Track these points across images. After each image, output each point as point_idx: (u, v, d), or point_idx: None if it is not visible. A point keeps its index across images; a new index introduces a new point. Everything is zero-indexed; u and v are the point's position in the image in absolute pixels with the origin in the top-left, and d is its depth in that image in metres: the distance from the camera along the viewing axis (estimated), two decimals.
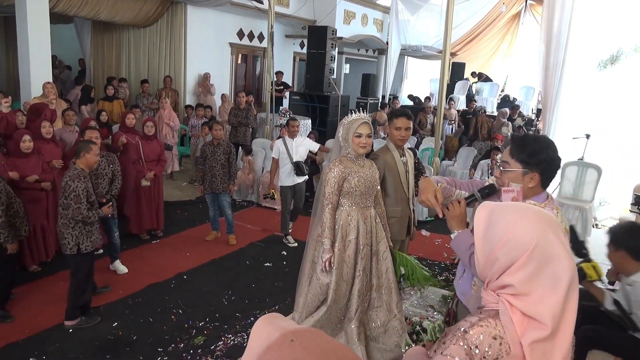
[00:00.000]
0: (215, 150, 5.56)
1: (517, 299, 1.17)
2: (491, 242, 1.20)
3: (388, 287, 3.32)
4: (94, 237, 3.86)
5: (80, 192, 3.66)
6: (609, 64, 6.97)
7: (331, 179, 3.09)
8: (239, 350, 3.61)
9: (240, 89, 11.45)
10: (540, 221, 1.18)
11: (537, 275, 1.14)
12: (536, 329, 1.13)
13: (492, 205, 1.26)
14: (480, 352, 1.16)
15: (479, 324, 1.19)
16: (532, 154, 1.93)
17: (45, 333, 3.75)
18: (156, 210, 5.80)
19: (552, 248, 1.14)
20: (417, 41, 14.46)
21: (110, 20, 9.22)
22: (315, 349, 0.75)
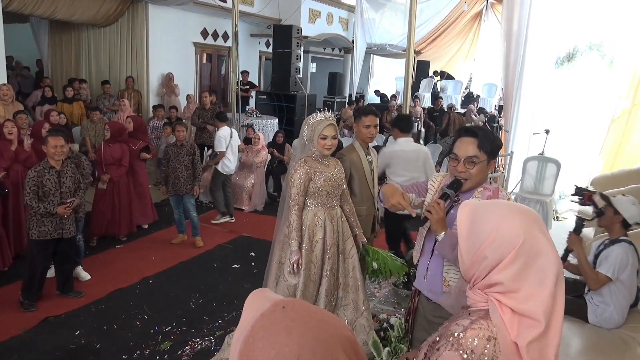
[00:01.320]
0: (178, 152, 5.46)
1: (507, 297, 1.17)
2: (477, 240, 1.20)
3: (355, 285, 3.33)
4: (44, 229, 3.99)
5: (30, 181, 3.91)
6: (565, 61, 7.20)
7: (297, 180, 3.07)
8: (206, 355, 3.56)
9: (205, 89, 11.30)
10: (526, 217, 1.19)
11: (526, 271, 1.15)
12: (529, 327, 1.13)
13: (473, 204, 1.26)
14: (476, 356, 1.15)
15: (471, 327, 1.18)
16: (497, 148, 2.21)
17: (3, 345, 3.60)
18: (118, 215, 5.64)
19: (538, 243, 1.15)
20: (382, 40, 14.60)
21: (68, 20, 8.94)
22: (306, 313, 0.79)
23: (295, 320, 0.77)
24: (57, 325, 3.92)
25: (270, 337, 0.75)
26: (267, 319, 0.78)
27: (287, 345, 0.74)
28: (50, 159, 4.00)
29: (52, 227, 4.02)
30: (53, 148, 3.95)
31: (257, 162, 7.35)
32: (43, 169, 3.98)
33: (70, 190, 4.14)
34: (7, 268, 4.76)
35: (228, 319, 4.10)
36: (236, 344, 0.79)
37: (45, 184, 3.96)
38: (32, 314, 4.03)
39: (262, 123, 9.81)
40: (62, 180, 4.07)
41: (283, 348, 0.74)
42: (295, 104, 10.46)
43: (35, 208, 3.90)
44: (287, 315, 0.78)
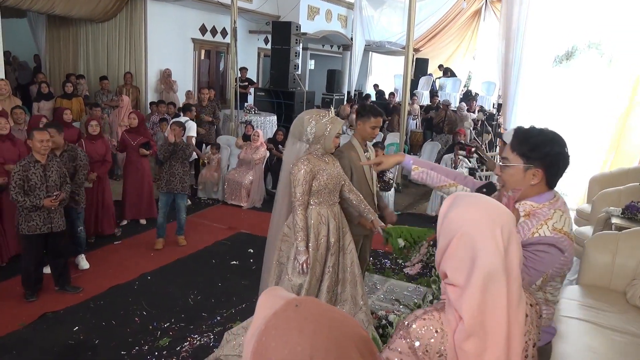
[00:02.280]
0: (174, 150, 5.39)
1: (450, 289, 1.17)
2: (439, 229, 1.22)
3: (353, 280, 3.33)
4: (33, 224, 4.03)
5: (15, 175, 3.94)
6: (564, 60, 7.22)
7: (301, 179, 3.02)
8: (205, 351, 3.57)
9: (203, 85, 11.27)
10: (480, 211, 1.16)
11: (461, 265, 1.14)
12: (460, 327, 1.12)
13: (456, 195, 1.26)
14: (421, 345, 1.16)
15: (422, 317, 1.19)
16: (534, 147, 1.75)
17: (2, 340, 3.60)
18: (102, 213, 5.59)
19: (479, 238, 1.12)
20: (381, 37, 14.58)
21: (67, 15, 8.90)
22: (319, 312, 0.79)
23: (308, 319, 0.77)
24: (55, 321, 3.91)
25: (283, 336, 0.75)
26: (279, 318, 0.78)
27: (300, 344, 0.74)
28: (35, 153, 4.03)
29: (40, 221, 4.05)
30: (39, 142, 3.98)
31: (256, 159, 7.35)
32: (28, 163, 4.01)
33: (57, 184, 4.15)
34: (5, 264, 4.76)
35: (227, 315, 4.10)
36: (249, 343, 0.79)
37: (30, 178, 3.98)
38: (30, 310, 4.02)
39: (260, 120, 9.80)
40: (48, 174, 4.09)
41: (295, 347, 0.73)
42: (294, 101, 10.45)
43: (21, 202, 3.93)
44: (300, 314, 0.78)
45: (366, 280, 4.42)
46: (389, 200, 7.15)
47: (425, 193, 8.38)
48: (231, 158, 7.99)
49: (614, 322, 3.28)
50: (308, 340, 0.74)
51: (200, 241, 5.72)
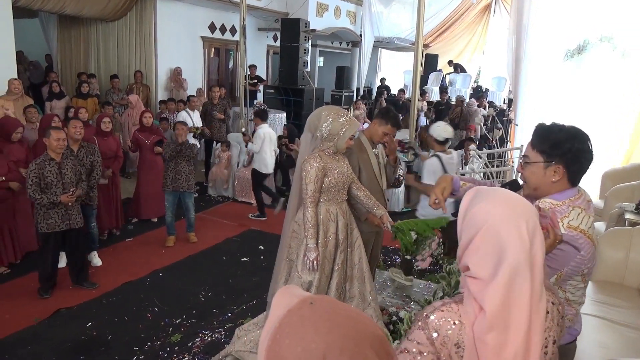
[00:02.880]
0: (181, 149, 5.38)
1: (472, 282, 1.17)
2: (461, 223, 1.22)
3: (361, 276, 3.32)
4: (52, 221, 4.10)
5: (31, 173, 4.00)
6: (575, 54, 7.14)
7: (313, 175, 3.00)
8: (216, 347, 3.59)
9: (213, 83, 11.30)
10: (503, 205, 1.16)
11: (486, 259, 1.14)
12: (481, 319, 1.12)
13: (478, 189, 1.25)
14: (439, 336, 1.16)
15: (440, 309, 1.20)
16: (555, 144, 1.72)
17: (16, 336, 3.66)
18: (115, 209, 5.68)
19: (503, 232, 1.12)
20: (390, 33, 14.51)
21: (77, 14, 8.97)
22: (334, 310, 0.78)
23: (323, 317, 0.76)
24: (69, 317, 3.97)
25: (297, 334, 0.75)
26: (294, 316, 0.77)
27: (314, 341, 0.73)
28: (51, 152, 4.10)
29: (59, 218, 4.13)
30: (56, 141, 4.06)
31: None
32: (44, 161, 4.08)
33: (72, 182, 4.22)
34: (19, 261, 4.83)
35: (237, 312, 4.13)
36: (263, 341, 0.78)
37: (46, 176, 4.05)
38: (44, 306, 4.08)
39: (270, 117, 9.79)
40: (63, 172, 4.16)
41: (310, 344, 0.73)
42: (303, 98, 10.44)
43: (38, 199, 4.00)
44: (315, 312, 0.77)
45: (376, 277, 4.41)
46: (399, 197, 7.13)
47: None
48: (241, 155, 8.01)
49: (628, 319, 3.25)
50: (322, 338, 0.73)
51: (210, 238, 5.75)
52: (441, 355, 1.17)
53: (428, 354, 1.17)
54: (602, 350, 2.66)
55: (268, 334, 0.78)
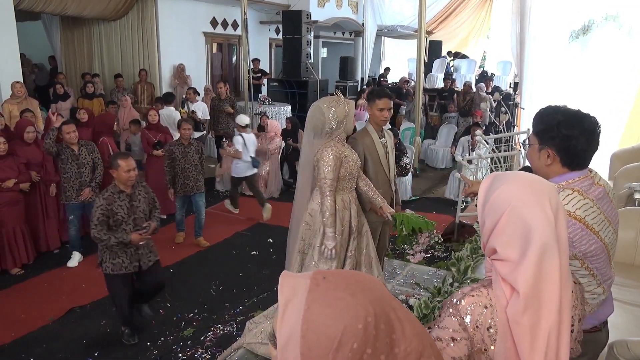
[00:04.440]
0: (186, 151, 5.23)
1: (501, 265, 1.17)
2: (483, 208, 1.23)
3: (368, 262, 3.34)
4: (119, 260, 3.45)
5: (98, 210, 3.36)
6: (581, 34, 7.04)
7: (332, 164, 3.01)
8: (228, 340, 3.62)
9: (217, 79, 11.31)
10: (524, 185, 1.17)
11: (513, 240, 1.14)
12: (514, 300, 1.13)
13: (495, 174, 1.27)
14: (472, 321, 1.17)
15: (470, 294, 1.20)
16: (546, 128, 1.74)
17: (32, 335, 3.72)
18: None
19: (528, 212, 1.13)
20: (392, 21, 14.40)
21: (79, 15, 9.00)
22: (348, 277, 0.79)
23: (342, 285, 0.76)
24: (82, 315, 4.02)
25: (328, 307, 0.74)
26: (314, 296, 0.76)
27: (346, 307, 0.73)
28: (120, 184, 3.49)
29: (127, 258, 3.49)
30: (126, 173, 3.44)
31: (271, 149, 7.37)
32: (112, 195, 3.46)
33: (145, 215, 3.63)
34: (32, 261, 4.89)
35: (248, 305, 4.16)
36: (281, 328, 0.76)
37: (116, 212, 3.45)
38: (58, 305, 4.13)
39: (275, 110, 9.80)
40: (135, 205, 3.54)
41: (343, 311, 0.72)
42: (308, 90, 10.42)
43: (105, 240, 3.37)
44: (332, 283, 0.77)
45: (386, 265, 4.42)
46: (406, 186, 7.12)
47: (443, 177, 8.32)
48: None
49: (638, 299, 3.23)
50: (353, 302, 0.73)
51: (220, 233, 5.78)
52: (474, 339, 1.18)
53: (461, 339, 1.18)
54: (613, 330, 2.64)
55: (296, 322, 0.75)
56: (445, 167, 9.05)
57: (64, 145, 4.70)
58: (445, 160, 9.22)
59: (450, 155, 8.68)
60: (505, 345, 1.14)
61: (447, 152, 9.08)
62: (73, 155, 4.71)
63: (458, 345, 1.18)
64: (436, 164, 9.30)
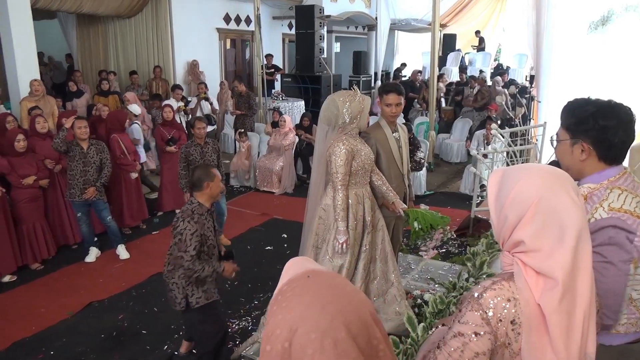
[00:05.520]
0: (204, 151, 5.02)
1: (529, 256, 1.17)
2: (501, 201, 1.22)
3: (384, 257, 3.34)
4: (207, 288, 3.00)
5: (188, 235, 2.78)
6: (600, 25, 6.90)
7: (344, 159, 3.02)
8: (244, 334, 3.65)
9: (230, 75, 11.35)
10: (546, 176, 1.18)
11: (545, 229, 1.14)
12: (550, 290, 1.12)
13: (504, 169, 1.27)
14: (494, 315, 1.16)
15: (491, 288, 1.19)
16: (579, 121, 1.64)
17: (51, 329, 3.78)
18: (137, 204, 5.81)
19: (558, 201, 1.14)
20: (406, 15, 14.28)
21: (94, 13, 9.09)
22: (326, 285, 0.86)
23: (310, 291, 0.84)
24: (100, 310, 4.08)
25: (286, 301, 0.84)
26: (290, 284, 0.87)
27: (293, 311, 0.81)
28: (209, 200, 3.00)
29: (212, 286, 3.07)
30: (219, 184, 3.03)
31: (285, 145, 7.38)
32: (201, 217, 2.89)
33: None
34: (52, 256, 4.98)
35: (263, 300, 4.18)
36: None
37: (207, 236, 2.94)
38: (77, 300, 4.20)
39: (288, 106, 9.81)
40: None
41: (287, 314, 0.81)
42: (321, 85, 10.40)
43: (197, 272, 2.82)
44: (307, 285, 0.85)
45: (400, 260, 4.41)
46: (420, 180, 7.08)
47: (458, 171, 8.25)
48: (261, 145, 8.06)
49: None
50: (300, 310, 0.81)
51: (234, 228, 5.81)
52: (498, 333, 1.17)
53: (484, 334, 1.17)
54: None
55: (272, 298, 0.89)
56: (460, 162, 8.98)
57: (74, 142, 4.73)
58: (460, 154, 9.15)
59: (465, 150, 8.60)
60: (530, 339, 1.14)
61: (461, 146, 9.00)
62: (81, 153, 4.74)
63: (481, 339, 1.17)
64: (451, 159, 9.23)
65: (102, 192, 4.88)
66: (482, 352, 1.17)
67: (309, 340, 0.79)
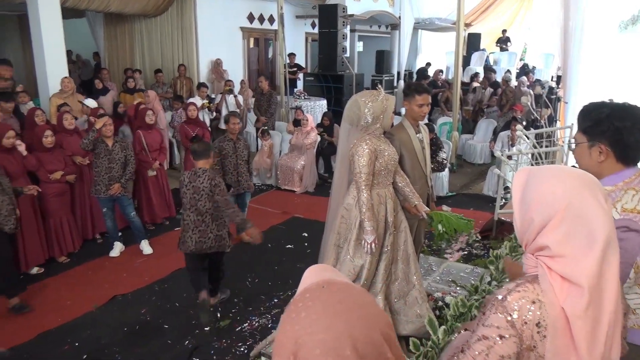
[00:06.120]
0: (236, 147, 5.10)
1: (554, 261, 1.15)
2: (526, 203, 1.20)
3: (405, 258, 3.31)
4: None
5: (223, 186, 3.80)
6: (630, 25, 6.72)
7: (367, 159, 3.02)
8: (264, 332, 3.67)
9: (253, 74, 11.42)
10: (575, 180, 1.16)
11: (572, 235, 1.12)
12: (575, 296, 1.11)
13: (530, 169, 1.25)
14: (519, 318, 1.14)
15: (516, 290, 1.17)
16: (595, 123, 1.68)
17: (77, 321, 3.87)
18: (166, 199, 5.88)
19: (587, 207, 1.12)
20: (430, 14, 14.16)
21: (121, 12, 9.24)
22: (338, 297, 0.84)
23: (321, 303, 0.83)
24: (124, 303, 4.16)
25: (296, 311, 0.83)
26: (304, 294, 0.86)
27: (299, 323, 0.80)
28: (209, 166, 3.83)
29: None
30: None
31: (307, 144, 7.39)
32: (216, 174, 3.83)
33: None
34: (77, 250, 5.09)
35: (284, 298, 4.20)
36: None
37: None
38: (102, 293, 4.28)
39: (310, 105, 9.82)
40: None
41: (295, 325, 0.81)
42: (343, 84, 10.37)
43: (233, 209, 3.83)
44: (321, 295, 0.84)
45: (422, 262, 4.38)
46: (443, 181, 7.01)
47: (481, 173, 8.15)
48: (283, 144, 8.09)
49: None
50: (307, 323, 0.80)
51: (256, 226, 5.82)
52: (523, 336, 1.15)
53: (509, 337, 1.15)
54: None
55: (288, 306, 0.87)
56: (484, 163, 8.86)
57: (99, 139, 4.81)
58: (483, 155, 9.03)
59: (489, 151, 8.49)
60: (555, 342, 1.12)
61: (485, 147, 8.88)
62: (106, 150, 4.83)
63: (507, 342, 1.15)
64: (474, 160, 9.11)
65: (127, 188, 4.96)
66: (507, 356, 1.16)
67: (313, 356, 0.78)
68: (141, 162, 5.57)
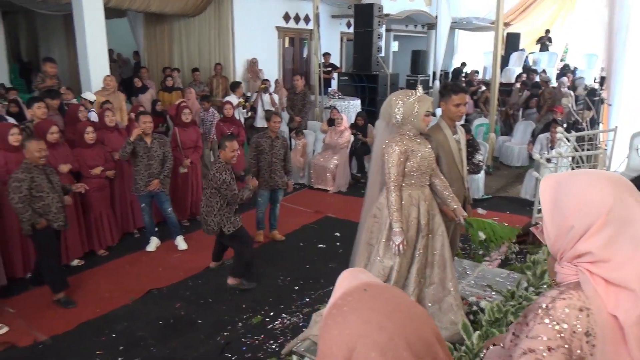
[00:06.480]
0: (274, 144, 5.18)
1: (597, 267, 1.10)
2: (562, 211, 1.15)
3: (442, 263, 3.25)
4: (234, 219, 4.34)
5: (230, 181, 4.17)
6: None
7: (396, 159, 3.00)
8: (295, 330, 3.68)
9: (288, 73, 11.48)
10: (613, 183, 1.12)
11: (617, 239, 1.08)
12: (627, 301, 1.06)
13: (558, 176, 1.21)
14: (568, 327, 1.08)
15: (560, 297, 1.12)
16: None
17: (114, 313, 3.98)
18: (196, 197, 5.96)
19: (629, 209, 1.08)
20: (467, 13, 13.91)
21: (161, 12, 9.45)
22: (383, 299, 0.82)
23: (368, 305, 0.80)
24: (159, 297, 4.25)
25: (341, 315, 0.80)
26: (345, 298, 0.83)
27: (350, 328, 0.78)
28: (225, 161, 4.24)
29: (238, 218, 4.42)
30: (232, 152, 4.22)
31: (341, 144, 7.38)
32: (225, 169, 4.19)
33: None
34: (115, 244, 5.23)
35: (315, 297, 4.20)
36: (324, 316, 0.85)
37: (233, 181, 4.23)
38: (139, 286, 4.39)
39: (344, 104, 9.79)
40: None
41: (344, 330, 0.78)
42: (378, 84, 10.30)
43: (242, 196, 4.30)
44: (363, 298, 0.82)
45: (456, 265, 4.30)
46: (478, 184, 6.88)
47: (519, 175, 7.96)
48: (316, 143, 8.10)
49: None
50: (357, 326, 0.77)
51: (288, 225, 5.87)
52: (572, 347, 1.08)
53: (558, 347, 1.08)
54: None
55: (326, 310, 0.85)
56: (522, 165, 8.64)
57: (139, 137, 4.91)
58: (521, 158, 8.80)
59: (527, 153, 8.27)
60: (605, 350, 1.07)
61: (523, 149, 8.66)
62: (145, 148, 4.93)
63: (555, 354, 1.09)
64: (511, 162, 8.90)
65: (164, 184, 5.06)
66: None
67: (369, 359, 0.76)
68: (174, 159, 5.67)
